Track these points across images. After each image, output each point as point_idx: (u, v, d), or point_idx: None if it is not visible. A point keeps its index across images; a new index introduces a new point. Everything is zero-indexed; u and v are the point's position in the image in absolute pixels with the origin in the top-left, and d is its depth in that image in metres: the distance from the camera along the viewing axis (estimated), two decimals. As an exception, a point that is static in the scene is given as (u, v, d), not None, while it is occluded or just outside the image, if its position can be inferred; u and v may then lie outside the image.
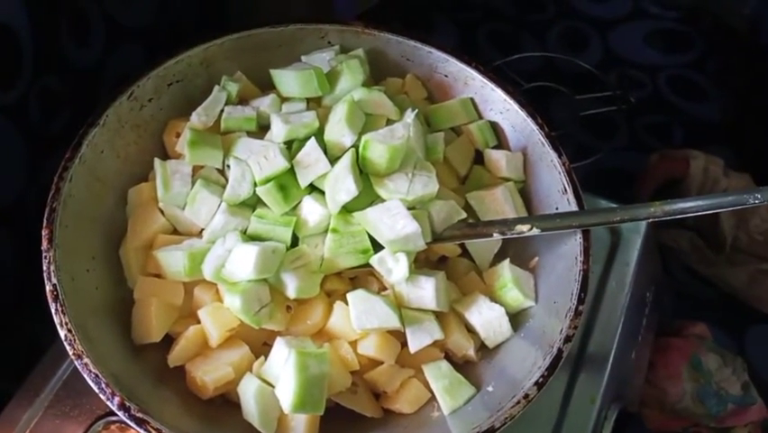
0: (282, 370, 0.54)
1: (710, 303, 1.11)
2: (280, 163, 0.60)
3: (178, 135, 0.66)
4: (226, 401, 0.60)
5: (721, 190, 1.02)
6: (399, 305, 0.60)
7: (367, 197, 0.61)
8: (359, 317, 0.57)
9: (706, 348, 0.98)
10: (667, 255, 1.10)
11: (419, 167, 0.62)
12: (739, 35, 1.45)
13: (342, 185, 0.59)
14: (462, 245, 0.66)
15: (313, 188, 0.62)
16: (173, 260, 0.59)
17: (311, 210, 0.60)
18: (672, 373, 0.94)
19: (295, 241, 0.61)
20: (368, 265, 0.60)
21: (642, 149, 1.21)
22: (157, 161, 0.64)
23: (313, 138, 0.61)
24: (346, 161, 0.60)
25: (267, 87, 0.70)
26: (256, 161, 0.61)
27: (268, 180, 0.60)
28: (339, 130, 0.61)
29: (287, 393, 0.53)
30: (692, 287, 1.12)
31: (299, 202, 0.61)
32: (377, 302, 0.58)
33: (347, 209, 0.60)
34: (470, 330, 0.63)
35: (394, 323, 0.57)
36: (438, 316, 0.61)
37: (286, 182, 0.61)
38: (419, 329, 0.59)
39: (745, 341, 1.09)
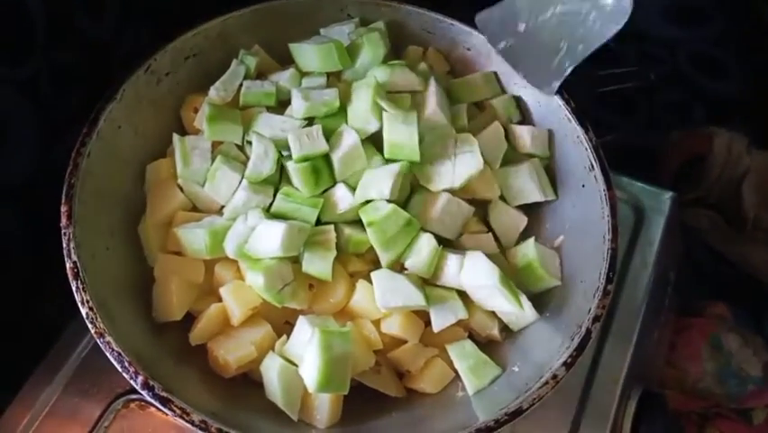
0: (306, 349, 0.54)
1: (730, 283, 1.09)
2: (322, 146, 0.59)
3: (196, 111, 0.65)
4: (248, 380, 0.59)
5: (744, 168, 1.00)
6: (423, 283, 0.59)
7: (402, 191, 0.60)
8: (383, 295, 0.56)
9: (726, 328, 0.97)
10: (687, 234, 1.08)
11: (460, 141, 0.61)
12: (759, 10, 1.41)
13: (376, 185, 0.58)
14: (487, 223, 0.65)
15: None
16: (194, 237, 0.58)
17: (342, 197, 0.60)
18: (693, 353, 0.92)
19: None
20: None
21: (661, 126, 1.19)
22: (176, 137, 0.63)
23: (357, 137, 0.60)
24: (396, 168, 0.59)
25: (285, 61, 0.68)
26: (297, 137, 0.59)
27: (305, 159, 0.59)
28: (365, 118, 0.60)
29: (311, 372, 0.52)
30: (712, 266, 1.10)
31: (329, 188, 0.60)
32: (401, 281, 0.57)
33: None
34: (494, 310, 0.62)
35: (419, 301, 0.57)
36: (462, 295, 0.60)
37: (320, 166, 0.60)
38: (443, 308, 0.58)
39: (765, 321, 1.08)
